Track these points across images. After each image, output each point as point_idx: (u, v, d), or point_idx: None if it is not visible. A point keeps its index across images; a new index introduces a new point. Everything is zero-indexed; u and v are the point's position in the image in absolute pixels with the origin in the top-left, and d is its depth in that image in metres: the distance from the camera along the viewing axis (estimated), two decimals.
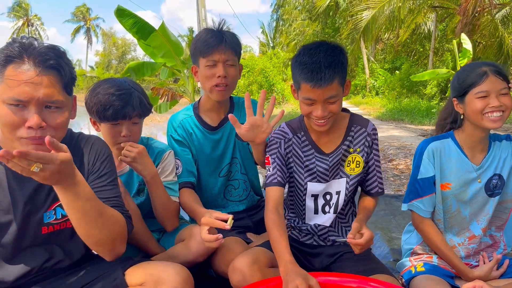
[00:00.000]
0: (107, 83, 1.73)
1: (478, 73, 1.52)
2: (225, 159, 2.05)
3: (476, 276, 1.57)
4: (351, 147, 1.64)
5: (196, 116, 2.02)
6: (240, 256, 1.48)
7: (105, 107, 1.66)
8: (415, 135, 9.35)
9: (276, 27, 41.54)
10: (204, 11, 12.09)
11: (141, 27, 6.69)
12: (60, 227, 1.31)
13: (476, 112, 1.53)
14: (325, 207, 1.68)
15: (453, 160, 1.63)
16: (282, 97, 21.04)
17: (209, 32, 1.88)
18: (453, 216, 1.67)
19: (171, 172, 1.87)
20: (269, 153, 1.65)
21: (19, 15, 64.95)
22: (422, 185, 1.66)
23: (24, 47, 1.12)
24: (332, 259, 1.66)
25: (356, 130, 1.64)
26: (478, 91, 1.51)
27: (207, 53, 1.83)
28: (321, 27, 27.47)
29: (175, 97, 7.81)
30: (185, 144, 1.98)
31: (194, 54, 1.93)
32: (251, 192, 2.16)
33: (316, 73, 1.41)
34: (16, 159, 0.92)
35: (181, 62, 7.68)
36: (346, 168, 1.65)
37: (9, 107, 1.10)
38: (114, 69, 64.10)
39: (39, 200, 1.27)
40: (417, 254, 1.76)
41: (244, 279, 1.41)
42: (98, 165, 1.34)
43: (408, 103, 15.81)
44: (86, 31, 68.34)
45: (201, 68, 1.89)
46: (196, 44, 1.89)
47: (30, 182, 1.24)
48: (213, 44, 1.82)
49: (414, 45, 24.34)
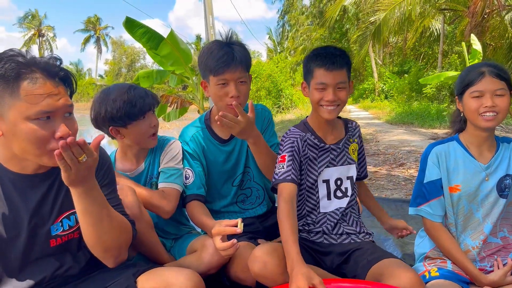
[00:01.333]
0: (114, 89, 1.76)
1: (476, 72, 1.55)
2: (238, 169, 2.05)
3: (490, 281, 1.54)
4: (350, 138, 1.85)
5: (208, 128, 2.01)
6: (258, 247, 1.52)
7: (132, 104, 1.72)
8: (426, 138, 9.27)
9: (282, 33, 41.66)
10: (211, 18, 12.17)
11: (151, 36, 6.75)
12: (68, 238, 1.33)
13: (471, 111, 1.56)
14: (336, 191, 1.79)
15: (460, 162, 1.63)
16: (291, 102, 21.02)
17: (219, 47, 1.80)
18: (466, 218, 1.66)
19: (173, 158, 1.89)
20: (285, 151, 1.71)
21: (31, 26, 66.01)
22: (428, 189, 1.66)
23: (31, 61, 1.13)
24: (342, 258, 1.68)
25: (351, 125, 1.89)
26: (473, 90, 1.55)
27: (218, 72, 1.77)
28: (328, 32, 27.47)
29: (184, 104, 7.84)
30: (197, 158, 1.97)
31: (203, 70, 1.86)
32: (264, 199, 2.15)
33: (329, 59, 1.64)
34: (75, 147, 1.04)
35: (189, 69, 7.73)
36: (353, 156, 1.85)
37: (36, 122, 1.11)
38: (123, 77, 64.75)
39: (44, 214, 1.28)
40: (430, 258, 1.74)
41: (265, 266, 1.44)
42: (101, 175, 1.35)
43: (418, 106, 15.69)
44: (96, 41, 69.22)
45: (212, 85, 1.83)
46: (206, 61, 1.81)
47: (33, 196, 1.25)
48: (224, 63, 1.75)
49: (422, 48, 24.22)
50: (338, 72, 1.64)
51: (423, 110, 14.61)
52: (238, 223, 1.52)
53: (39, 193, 1.26)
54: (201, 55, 1.86)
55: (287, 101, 20.74)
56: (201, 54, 1.87)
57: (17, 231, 1.24)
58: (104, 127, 1.78)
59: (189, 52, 7.45)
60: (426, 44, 23.54)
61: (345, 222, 1.78)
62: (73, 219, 1.32)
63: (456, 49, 20.24)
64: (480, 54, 11.24)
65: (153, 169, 1.91)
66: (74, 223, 1.33)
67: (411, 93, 18.21)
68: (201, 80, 1.93)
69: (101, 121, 1.76)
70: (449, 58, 20.56)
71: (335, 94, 1.64)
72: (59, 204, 1.29)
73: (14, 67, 1.09)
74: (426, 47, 23.90)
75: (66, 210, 1.31)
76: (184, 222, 2.10)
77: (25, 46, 63.37)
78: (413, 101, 17.52)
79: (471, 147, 1.64)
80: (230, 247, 1.52)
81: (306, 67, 1.73)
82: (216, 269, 1.69)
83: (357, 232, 1.76)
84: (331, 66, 1.62)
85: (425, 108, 14.84)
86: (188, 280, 1.27)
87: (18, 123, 1.10)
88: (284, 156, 1.69)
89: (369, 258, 1.57)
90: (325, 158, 1.77)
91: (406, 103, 17.52)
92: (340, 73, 1.65)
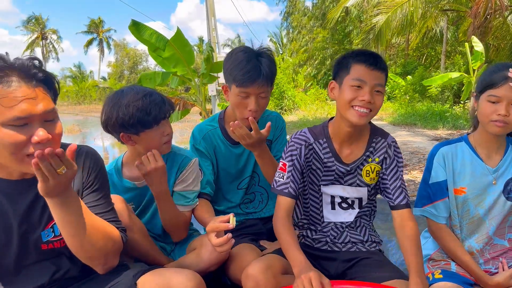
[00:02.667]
0: (128, 93, 1.65)
1: (499, 75, 1.48)
2: (245, 172, 2.05)
3: (495, 282, 1.53)
4: (370, 157, 1.62)
5: (221, 128, 2.01)
6: (253, 263, 1.46)
7: (146, 112, 1.61)
8: (429, 140, 9.24)
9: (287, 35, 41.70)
10: (214, 20, 12.20)
11: (157, 39, 6.76)
12: (61, 244, 1.29)
13: (484, 115, 1.51)
14: (342, 203, 1.67)
15: (467, 164, 1.60)
16: (293, 103, 21.00)
17: (248, 60, 1.75)
18: (473, 221, 1.63)
19: (192, 181, 1.83)
20: (286, 159, 1.63)
21: (34, 29, 66.31)
22: (433, 190, 1.64)
23: (6, 63, 1.06)
24: (348, 265, 1.63)
25: (377, 141, 1.63)
26: (491, 94, 1.48)
27: (242, 85, 1.74)
28: (331, 33, 27.44)
29: (186, 106, 7.84)
30: (207, 156, 1.97)
31: (227, 76, 1.82)
32: (267, 204, 2.14)
33: (372, 57, 1.49)
34: (54, 158, 0.99)
35: (192, 71, 7.73)
36: (366, 178, 1.63)
37: (11, 128, 1.06)
38: (126, 79, 64.91)
39: (34, 220, 1.24)
40: (434, 260, 1.72)
41: (257, 285, 1.39)
42: (92, 179, 1.31)
43: (421, 107, 15.65)
44: (98, 43, 69.45)
45: (233, 94, 1.80)
46: (232, 69, 1.77)
47: (21, 203, 1.22)
48: (250, 78, 1.72)
49: (425, 49, 24.16)
50: (378, 73, 1.48)
51: (426, 111, 14.57)
52: (230, 219, 1.50)
53: (27, 199, 1.23)
54: (227, 61, 1.83)
55: (290, 103, 20.73)
56: (227, 59, 1.83)
57: (8, 238, 1.22)
58: (115, 132, 1.69)
59: (193, 53, 7.44)
60: (429, 45, 23.48)
61: (352, 230, 1.70)
62: None
63: (459, 49, 20.18)
64: (482, 55, 11.22)
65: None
66: None
67: (414, 94, 18.15)
68: (223, 85, 1.90)
69: (111, 126, 1.66)
70: (452, 59, 20.51)
71: (372, 95, 1.47)
72: (49, 210, 1.22)
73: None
74: (429, 48, 23.84)
75: None
76: None
77: (29, 49, 63.73)
78: (415, 102, 17.47)
79: (479, 149, 1.61)
80: (225, 243, 1.49)
81: (341, 64, 1.55)
82: (216, 266, 1.67)
83: (363, 241, 1.69)
84: (373, 65, 1.47)
85: (428, 109, 14.80)
86: (189, 281, 1.27)
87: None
88: (285, 165, 1.63)
89: (377, 274, 1.49)
90: (330, 176, 1.65)
91: (409, 104, 17.47)
92: (380, 75, 1.49)
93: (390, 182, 1.59)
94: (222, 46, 45.00)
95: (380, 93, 1.49)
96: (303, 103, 21.66)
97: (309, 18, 30.67)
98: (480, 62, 11.36)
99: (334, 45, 27.72)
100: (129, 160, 1.83)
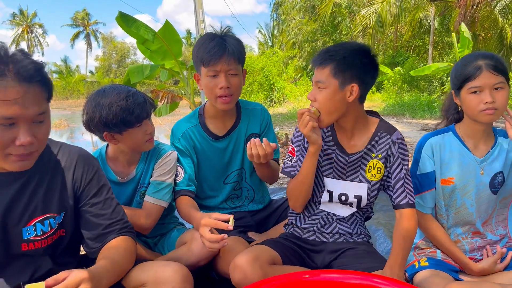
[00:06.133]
0: (111, 93, 1.65)
1: (473, 67, 1.48)
2: (231, 167, 2.02)
3: (480, 269, 1.56)
4: (373, 152, 1.59)
5: (201, 125, 1.98)
6: (241, 254, 1.47)
7: (129, 111, 1.63)
8: (417, 129, 9.33)
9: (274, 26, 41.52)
10: (201, 12, 12.09)
11: (145, 31, 6.69)
12: (42, 245, 1.26)
13: (471, 108, 1.51)
14: (341, 197, 1.66)
15: (455, 154, 1.61)
16: (283, 95, 21.00)
17: (211, 39, 1.78)
18: (459, 211, 1.64)
19: (167, 172, 1.82)
20: (294, 144, 1.70)
21: (19, 23, 65.14)
22: (421, 181, 1.64)
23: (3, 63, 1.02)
24: (334, 256, 1.64)
25: (381, 136, 1.58)
26: (471, 86, 1.49)
27: (209, 63, 1.75)
28: (320, 25, 27.38)
29: (175, 99, 7.76)
30: (187, 154, 1.94)
31: (196, 62, 1.85)
32: (253, 201, 2.13)
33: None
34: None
35: (180, 63, 7.67)
36: (367, 174, 1.61)
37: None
38: (113, 73, 64.22)
39: (16, 214, 1.21)
40: (420, 248, 1.74)
41: (245, 277, 1.40)
42: (93, 185, 1.33)
43: (409, 97, 15.77)
44: (85, 37, 68.49)
45: (203, 77, 1.82)
46: (198, 52, 1.80)
47: (4, 196, 1.20)
48: (216, 54, 1.73)
49: (413, 39, 24.26)
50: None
51: (414, 101, 14.69)
52: (230, 220, 1.49)
53: (10, 191, 1.20)
54: (195, 48, 1.85)
55: (279, 95, 20.72)
56: (195, 47, 1.85)
57: None
58: (98, 132, 1.70)
59: (181, 46, 7.37)
60: (417, 36, 23.58)
61: (343, 222, 1.69)
62: (47, 224, 1.25)
63: (446, 40, 20.30)
64: (470, 43, 11.30)
65: (145, 177, 1.84)
66: (49, 229, 1.26)
67: (403, 85, 18.26)
68: (194, 73, 1.91)
69: (94, 126, 1.67)
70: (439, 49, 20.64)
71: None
72: (33, 206, 1.23)
73: None
74: (417, 38, 23.94)
75: (40, 214, 1.24)
76: (170, 220, 2.06)
77: (13, 43, 62.60)
78: (404, 93, 17.59)
79: (467, 140, 1.61)
80: (219, 241, 1.48)
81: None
82: (206, 261, 1.67)
83: (352, 234, 1.69)
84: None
85: (416, 99, 14.92)
86: (176, 273, 1.27)
87: None
88: (294, 149, 1.69)
89: (364, 265, 1.50)
90: (329, 164, 1.64)
91: (397, 95, 17.59)
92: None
93: (393, 181, 1.56)
94: None
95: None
96: (293, 95, 21.66)
97: (298, 11, 30.55)
98: (468, 51, 11.45)
99: (324, 37, 27.68)
100: (112, 155, 1.84)
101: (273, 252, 1.53)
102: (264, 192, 2.21)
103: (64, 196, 1.29)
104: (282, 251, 1.58)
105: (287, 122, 12.08)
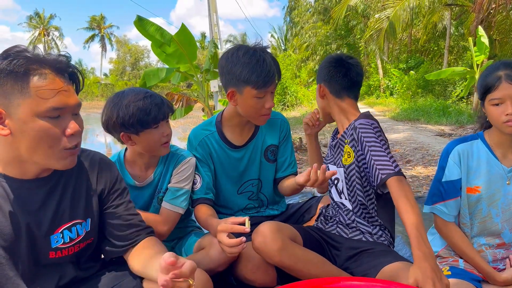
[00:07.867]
0: (129, 94, 1.67)
1: (492, 77, 1.46)
2: (245, 176, 2.01)
3: (504, 279, 1.52)
4: (346, 138, 1.73)
5: (219, 132, 1.97)
6: (265, 222, 1.56)
7: (146, 112, 1.64)
8: (432, 135, 9.20)
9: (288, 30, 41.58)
10: (215, 16, 12.17)
11: (162, 35, 6.75)
12: (69, 253, 1.25)
13: (493, 119, 1.49)
14: (334, 181, 1.83)
15: (483, 162, 1.57)
16: (296, 99, 20.97)
17: (257, 59, 1.70)
18: (484, 221, 1.61)
19: (185, 179, 1.82)
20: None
21: (36, 25, 66.31)
22: (446, 188, 1.61)
23: (40, 57, 1.08)
24: (352, 253, 1.65)
25: (350, 125, 1.72)
26: (491, 98, 1.46)
27: (262, 87, 1.71)
28: (334, 29, 27.33)
29: (189, 102, 7.79)
30: (205, 162, 1.94)
31: (234, 81, 1.74)
32: (268, 208, 2.12)
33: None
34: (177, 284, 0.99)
35: (194, 67, 7.71)
36: (343, 159, 1.75)
37: (47, 120, 1.07)
38: (127, 75, 64.89)
39: (44, 222, 1.19)
40: (442, 257, 1.71)
41: (264, 241, 1.49)
42: (117, 194, 1.35)
43: (424, 102, 15.60)
44: (100, 39, 69.39)
45: (248, 97, 1.74)
46: (240, 71, 1.70)
47: (32, 203, 1.18)
48: (270, 80, 1.72)
49: (428, 44, 24.06)
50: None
51: (428, 106, 14.52)
52: (245, 222, 1.48)
53: (40, 198, 1.19)
54: (228, 63, 1.75)
55: (292, 98, 20.70)
56: (227, 61, 1.75)
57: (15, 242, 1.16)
58: (115, 132, 1.71)
59: (196, 49, 7.41)
60: (432, 40, 23.38)
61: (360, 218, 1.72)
62: (74, 231, 1.24)
63: (462, 44, 20.07)
64: (487, 48, 11.13)
65: (163, 182, 1.84)
66: (76, 236, 1.25)
67: (417, 89, 18.08)
68: (229, 91, 1.78)
69: (111, 126, 1.68)
70: (455, 54, 20.41)
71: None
72: (61, 212, 1.21)
73: (22, 63, 1.04)
74: (432, 43, 23.73)
75: (68, 221, 1.23)
76: (187, 223, 2.07)
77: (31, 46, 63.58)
78: (418, 97, 17.41)
79: (495, 148, 1.58)
80: (238, 245, 1.46)
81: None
82: (225, 266, 1.66)
83: (371, 233, 1.70)
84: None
85: (431, 104, 14.74)
86: (196, 279, 1.26)
87: (28, 120, 1.05)
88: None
89: (381, 260, 1.51)
90: (331, 154, 1.86)
91: (411, 100, 17.42)
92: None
93: (366, 165, 1.56)
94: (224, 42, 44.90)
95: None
96: (306, 99, 21.63)
97: (312, 14, 30.55)
98: (484, 56, 11.28)
99: (337, 40, 27.63)
100: (130, 159, 1.85)
101: (295, 231, 1.64)
102: (281, 199, 2.21)
103: (90, 201, 1.29)
104: (304, 235, 1.68)
105: (300, 126, 12.04)
